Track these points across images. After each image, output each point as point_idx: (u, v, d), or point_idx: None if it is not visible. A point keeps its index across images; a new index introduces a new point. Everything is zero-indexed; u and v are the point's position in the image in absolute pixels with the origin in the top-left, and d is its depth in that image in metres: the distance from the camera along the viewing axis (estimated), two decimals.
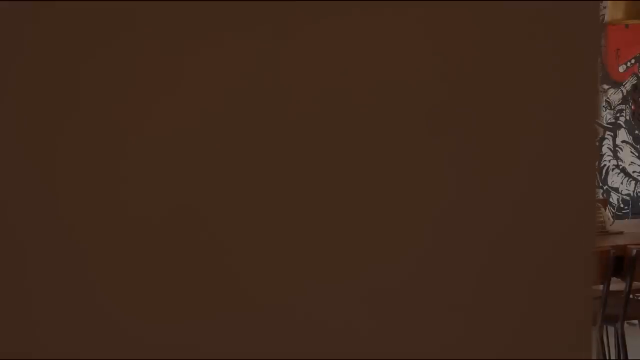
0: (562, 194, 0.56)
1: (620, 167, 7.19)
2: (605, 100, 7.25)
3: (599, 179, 7.30)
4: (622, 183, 7.18)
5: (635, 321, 4.96)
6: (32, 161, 0.51)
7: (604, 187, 7.28)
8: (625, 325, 4.49)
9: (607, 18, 5.35)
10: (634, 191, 7.10)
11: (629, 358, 4.51)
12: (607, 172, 7.27)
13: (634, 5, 5.19)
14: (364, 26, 0.55)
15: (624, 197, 7.16)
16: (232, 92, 0.54)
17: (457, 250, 0.57)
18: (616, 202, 7.20)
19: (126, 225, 0.52)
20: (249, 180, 0.55)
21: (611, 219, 5.26)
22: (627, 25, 6.79)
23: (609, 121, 7.24)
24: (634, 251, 4.29)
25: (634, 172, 7.09)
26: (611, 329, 4.58)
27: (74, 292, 0.52)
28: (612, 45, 7.19)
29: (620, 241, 4.55)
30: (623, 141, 7.16)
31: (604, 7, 5.20)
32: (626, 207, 7.13)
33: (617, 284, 4.37)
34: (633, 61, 7.06)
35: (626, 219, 6.88)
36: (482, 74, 0.56)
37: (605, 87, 7.24)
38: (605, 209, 5.09)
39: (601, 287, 4.25)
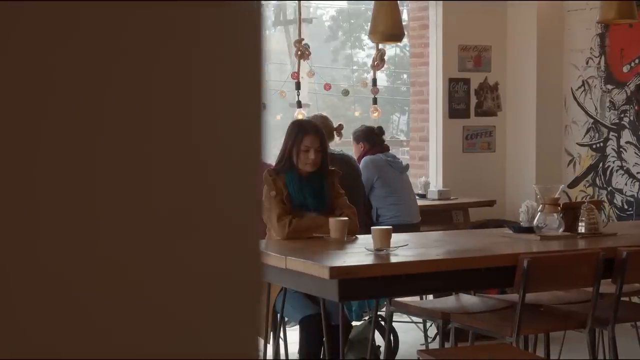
0: (223, 198, 0.56)
1: (624, 168, 7.11)
2: (609, 101, 7.18)
3: (603, 180, 7.23)
4: (626, 184, 7.11)
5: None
6: None
7: (608, 189, 7.21)
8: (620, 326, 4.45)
9: (598, 17, 5.31)
10: (638, 192, 7.02)
11: (620, 359, 4.46)
12: (611, 173, 7.20)
13: (628, 5, 5.14)
14: None
15: (628, 198, 7.09)
16: None
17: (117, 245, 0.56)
18: (620, 204, 7.13)
19: None
20: None
21: (605, 220, 5.21)
22: (631, 25, 6.72)
23: (613, 122, 7.17)
24: (624, 253, 4.24)
25: (637, 173, 7.01)
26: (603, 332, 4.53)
27: None
28: (616, 45, 7.12)
29: (612, 243, 4.51)
30: (627, 142, 7.09)
31: (592, 8, 5.12)
32: (630, 209, 7.06)
33: (607, 286, 4.33)
34: (637, 61, 6.99)
35: (630, 221, 6.80)
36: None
37: (609, 87, 7.18)
38: (599, 211, 5.04)
39: (591, 289, 4.21)
